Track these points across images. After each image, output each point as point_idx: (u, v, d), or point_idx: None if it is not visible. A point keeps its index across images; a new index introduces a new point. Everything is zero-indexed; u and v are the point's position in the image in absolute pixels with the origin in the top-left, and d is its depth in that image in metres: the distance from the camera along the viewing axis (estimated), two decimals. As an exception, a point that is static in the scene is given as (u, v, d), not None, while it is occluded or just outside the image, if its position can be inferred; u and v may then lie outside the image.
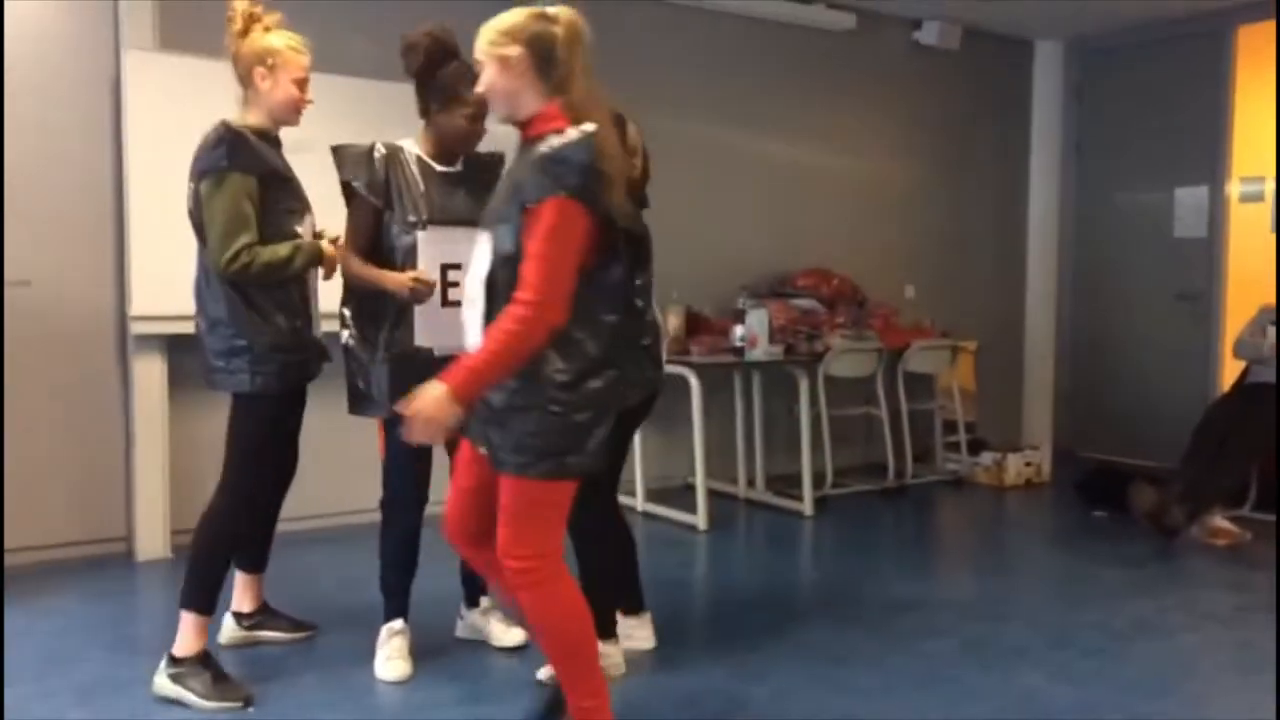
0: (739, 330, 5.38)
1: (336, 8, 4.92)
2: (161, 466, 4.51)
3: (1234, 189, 6.60)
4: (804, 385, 5.52)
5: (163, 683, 2.99)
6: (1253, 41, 6.43)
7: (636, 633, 3.41)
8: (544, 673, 3.06)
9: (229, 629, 3.45)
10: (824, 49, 6.49)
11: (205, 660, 3.01)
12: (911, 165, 6.98)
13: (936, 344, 6.26)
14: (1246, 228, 6.57)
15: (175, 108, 4.20)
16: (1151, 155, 6.96)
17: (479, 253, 2.43)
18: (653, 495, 5.49)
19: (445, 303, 3.06)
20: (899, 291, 6.84)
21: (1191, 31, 6.67)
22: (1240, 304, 6.13)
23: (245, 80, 3.00)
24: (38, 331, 4.39)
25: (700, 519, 5.13)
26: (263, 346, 2.95)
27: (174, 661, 3.00)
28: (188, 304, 3.04)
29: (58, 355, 4.44)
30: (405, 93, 3.21)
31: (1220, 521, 4.99)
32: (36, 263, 4.38)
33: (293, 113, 3.05)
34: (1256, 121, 6.40)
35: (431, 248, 3.07)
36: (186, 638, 3.01)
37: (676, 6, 5.90)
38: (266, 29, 3.01)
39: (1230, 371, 5.78)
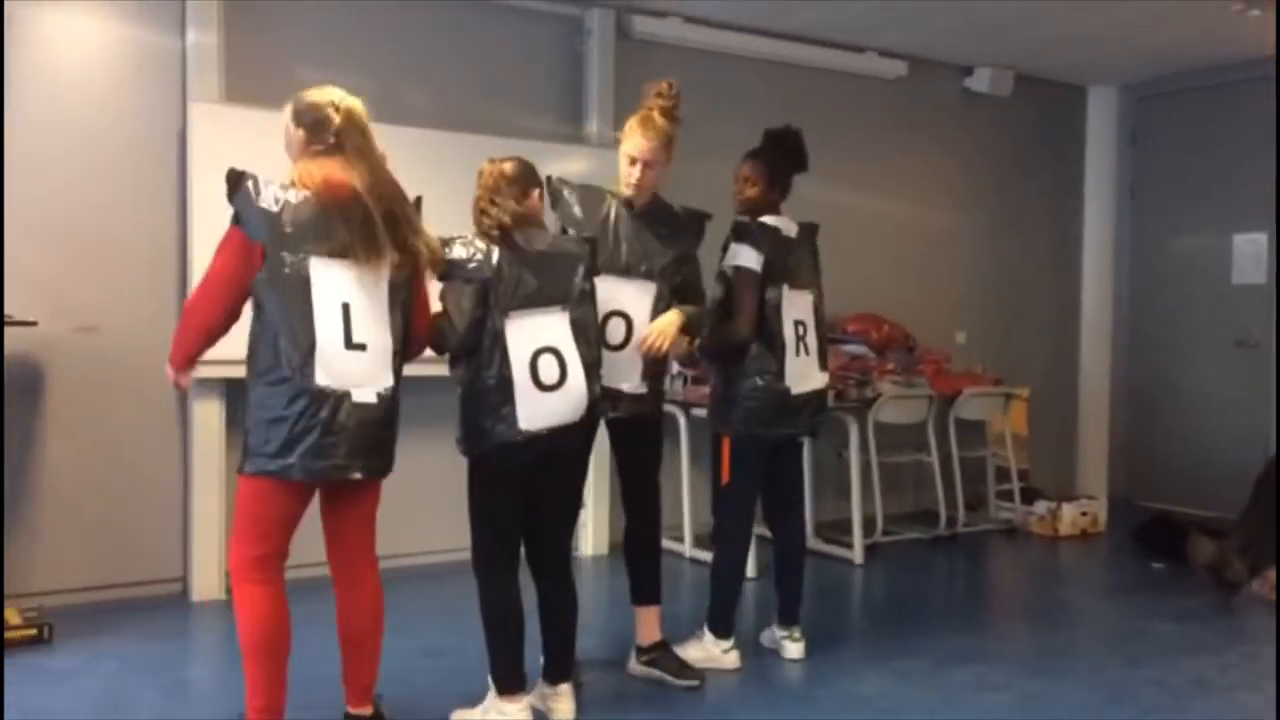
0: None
1: (393, 58, 5.04)
2: (218, 508, 4.59)
3: (1293, 235, 6.50)
4: (854, 431, 5.49)
5: None
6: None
7: (552, 702, 3.29)
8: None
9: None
10: (876, 96, 6.52)
11: None
12: (964, 210, 6.96)
13: (988, 391, 6.21)
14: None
15: (239, 159, 4.26)
16: (1208, 201, 6.87)
17: None
18: (700, 541, 5.47)
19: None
20: (950, 337, 6.80)
21: (1246, 77, 6.60)
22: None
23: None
24: (101, 376, 4.50)
25: (750, 567, 5.10)
26: None
27: None
28: (243, 350, 3.09)
29: (120, 399, 4.54)
30: (463, 141, 3.25)
31: (1283, 576, 4.87)
32: (103, 309, 4.50)
33: None
34: (1316, 167, 6.31)
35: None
36: None
37: (728, 55, 5.97)
38: None
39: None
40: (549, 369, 3.01)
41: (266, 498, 2.70)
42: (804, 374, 3.76)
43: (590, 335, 3.13)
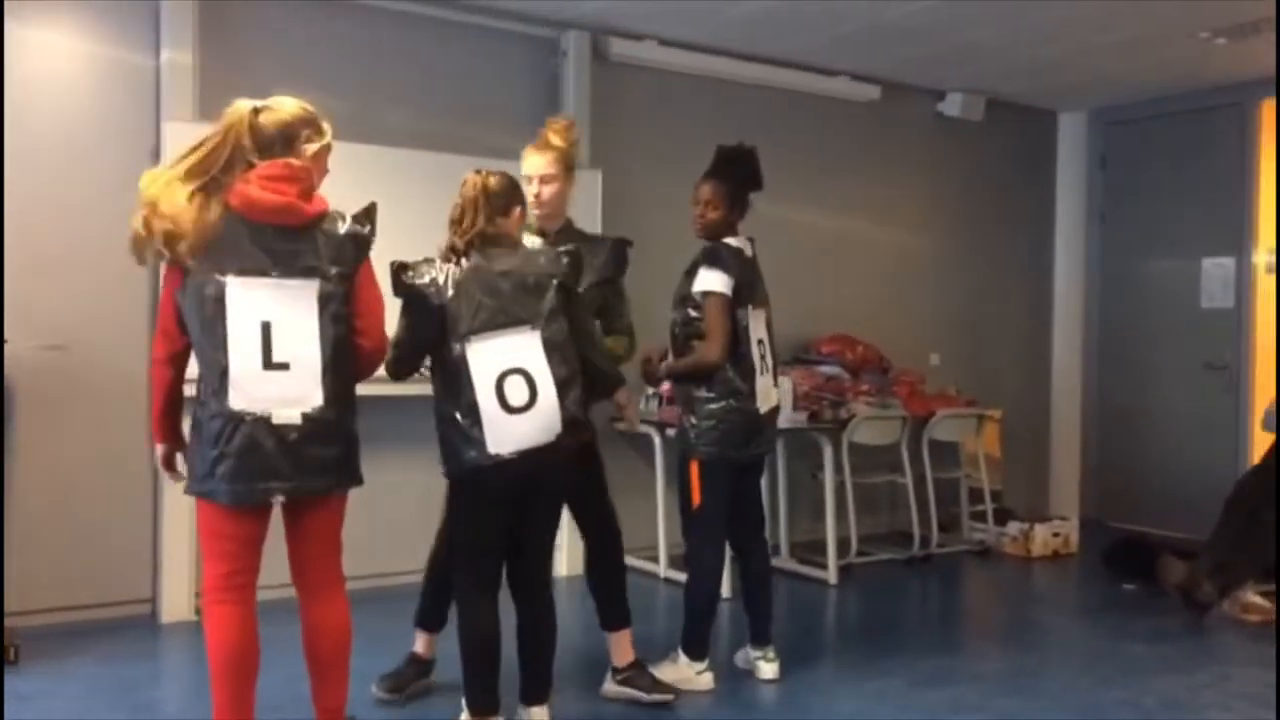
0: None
1: (370, 78, 5.04)
2: (187, 529, 4.53)
3: (1260, 260, 6.59)
4: (828, 452, 5.51)
5: None
6: (1275, 115, 6.46)
7: None
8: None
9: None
10: (849, 119, 6.57)
11: None
12: (936, 234, 7.02)
13: (961, 412, 6.24)
14: (1274, 299, 6.54)
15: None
16: (1177, 226, 6.96)
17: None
18: (675, 562, 5.46)
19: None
20: (924, 359, 6.84)
21: (1215, 104, 6.71)
22: (1269, 375, 6.08)
23: None
24: (70, 394, 4.45)
25: (724, 587, 5.08)
26: None
27: None
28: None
29: (89, 418, 4.50)
30: (439, 161, 3.26)
31: (1252, 596, 4.90)
32: (72, 328, 4.46)
33: None
34: (1282, 193, 6.41)
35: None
36: None
37: (703, 78, 6.01)
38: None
39: (1261, 443, 5.72)
40: (517, 390, 2.97)
41: (210, 518, 2.69)
42: (767, 393, 3.80)
43: (566, 352, 3.07)
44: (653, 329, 4.08)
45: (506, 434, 2.95)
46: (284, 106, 2.74)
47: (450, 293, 2.97)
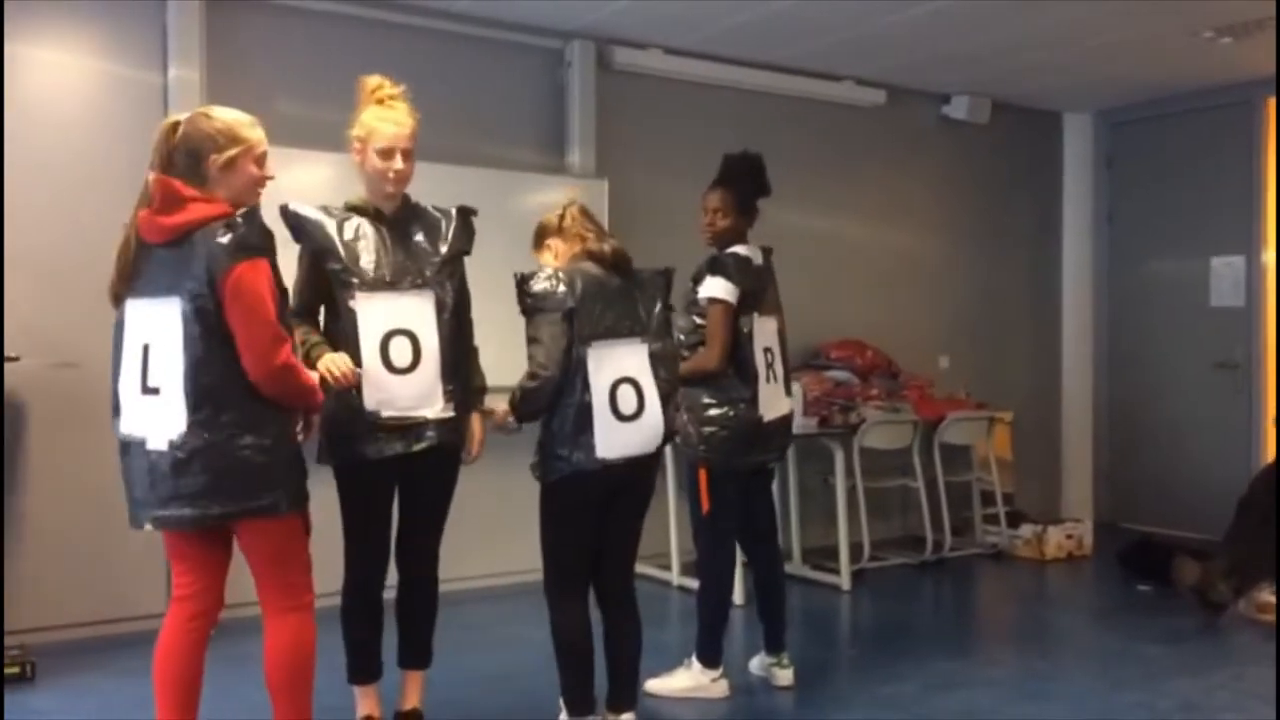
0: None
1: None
2: (201, 543, 4.55)
3: (1270, 258, 6.57)
4: (839, 457, 5.50)
5: None
6: (1276, 114, 6.46)
7: None
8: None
9: None
10: (854, 124, 6.58)
11: None
12: (943, 237, 7.01)
13: (972, 415, 6.23)
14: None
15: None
16: (1185, 225, 6.95)
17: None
18: (687, 569, 5.46)
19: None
20: (933, 362, 6.83)
21: (1220, 103, 6.70)
22: (1280, 373, 6.07)
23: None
24: (82, 411, 4.47)
25: (736, 594, 5.08)
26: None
27: None
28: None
29: (100, 434, 4.45)
30: (444, 173, 3.27)
31: (1267, 596, 4.88)
32: (85, 345, 4.47)
33: (384, 183, 3.03)
34: (1290, 191, 6.40)
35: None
36: None
37: (708, 85, 6.02)
38: (379, 101, 3.06)
39: (1274, 442, 5.71)
40: (627, 399, 3.04)
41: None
42: (773, 400, 3.78)
43: (669, 367, 3.19)
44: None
45: (615, 440, 3.02)
46: (200, 119, 2.64)
47: (577, 299, 3.04)
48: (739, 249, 3.75)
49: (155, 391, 2.54)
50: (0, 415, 4.21)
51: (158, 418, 2.54)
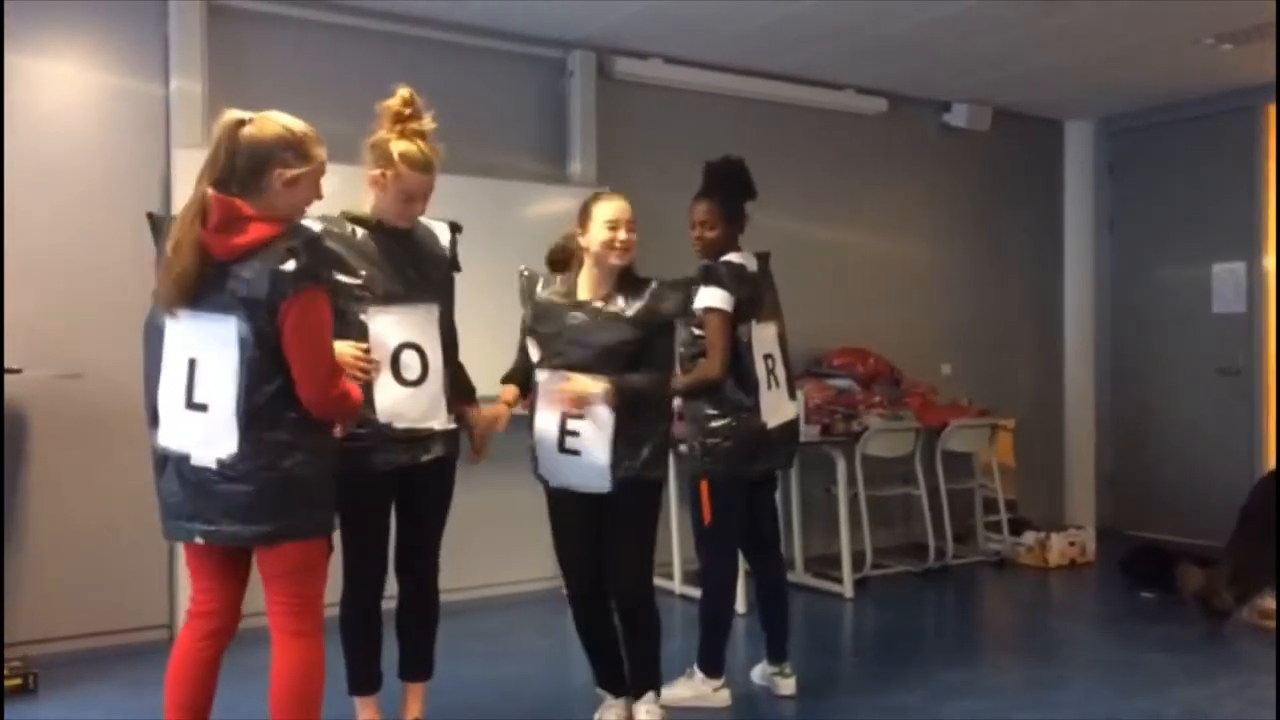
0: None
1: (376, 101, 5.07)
2: (204, 553, 4.55)
3: (1271, 263, 6.57)
4: (841, 465, 5.50)
5: None
6: (1275, 121, 6.46)
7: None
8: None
9: None
10: (856, 132, 6.59)
11: None
12: (945, 244, 7.02)
13: (974, 422, 6.23)
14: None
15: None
16: (1187, 231, 6.95)
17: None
18: (690, 578, 5.46)
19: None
20: (935, 369, 6.83)
21: (1221, 109, 6.71)
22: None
23: (369, 173, 3.06)
24: (87, 422, 4.48)
25: (738, 603, 5.08)
26: None
27: None
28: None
29: (104, 445, 4.52)
30: (446, 183, 3.27)
31: (1271, 603, 4.87)
32: (88, 356, 4.49)
33: (400, 219, 3.08)
34: (1291, 197, 6.40)
35: None
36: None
37: (709, 94, 6.03)
38: (405, 133, 3.03)
39: (1275, 449, 5.70)
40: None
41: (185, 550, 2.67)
42: (776, 407, 3.77)
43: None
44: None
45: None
46: (266, 124, 2.55)
47: None
48: (732, 257, 3.74)
49: (202, 408, 2.50)
50: (0, 426, 4.21)
51: (204, 434, 2.50)
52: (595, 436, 3.16)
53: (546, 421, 3.24)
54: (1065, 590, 5.79)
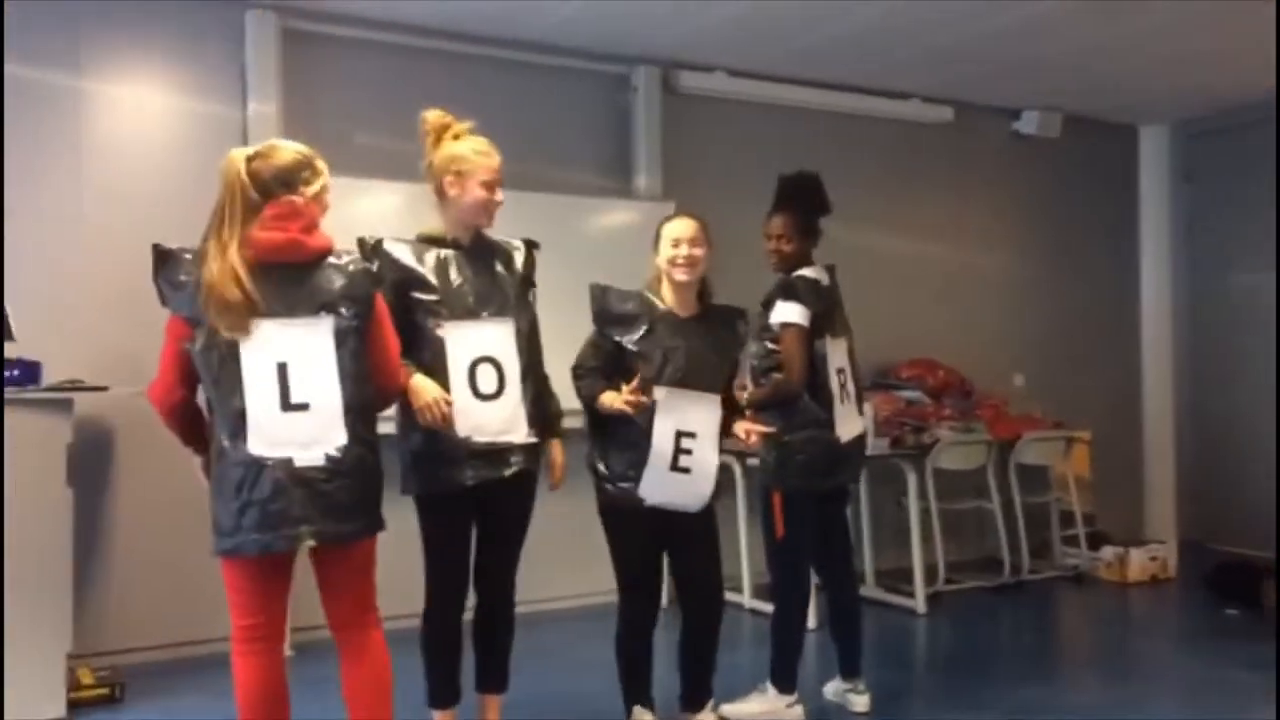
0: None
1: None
2: (280, 566, 4.63)
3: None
4: (912, 479, 5.43)
5: None
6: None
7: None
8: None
9: None
10: (922, 142, 6.54)
11: None
12: (1016, 254, 6.92)
13: (1049, 435, 6.12)
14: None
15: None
16: (1266, 236, 6.76)
17: None
18: (759, 592, 5.42)
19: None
20: (1007, 381, 6.73)
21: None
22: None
23: (438, 191, 3.11)
24: (168, 437, 4.57)
25: (810, 617, 5.03)
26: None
27: None
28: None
29: (174, 457, 4.61)
30: (513, 199, 3.31)
31: (1365, 620, 4.72)
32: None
33: (483, 215, 3.12)
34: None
35: None
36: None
37: (774, 106, 6.02)
38: (456, 136, 3.12)
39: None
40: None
41: (235, 574, 2.61)
42: (848, 421, 3.75)
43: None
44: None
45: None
46: (277, 152, 2.68)
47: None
48: (807, 271, 3.73)
49: (303, 407, 2.53)
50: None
51: (309, 432, 2.53)
52: (708, 457, 3.32)
53: (664, 440, 3.26)
54: (1146, 606, 5.65)
